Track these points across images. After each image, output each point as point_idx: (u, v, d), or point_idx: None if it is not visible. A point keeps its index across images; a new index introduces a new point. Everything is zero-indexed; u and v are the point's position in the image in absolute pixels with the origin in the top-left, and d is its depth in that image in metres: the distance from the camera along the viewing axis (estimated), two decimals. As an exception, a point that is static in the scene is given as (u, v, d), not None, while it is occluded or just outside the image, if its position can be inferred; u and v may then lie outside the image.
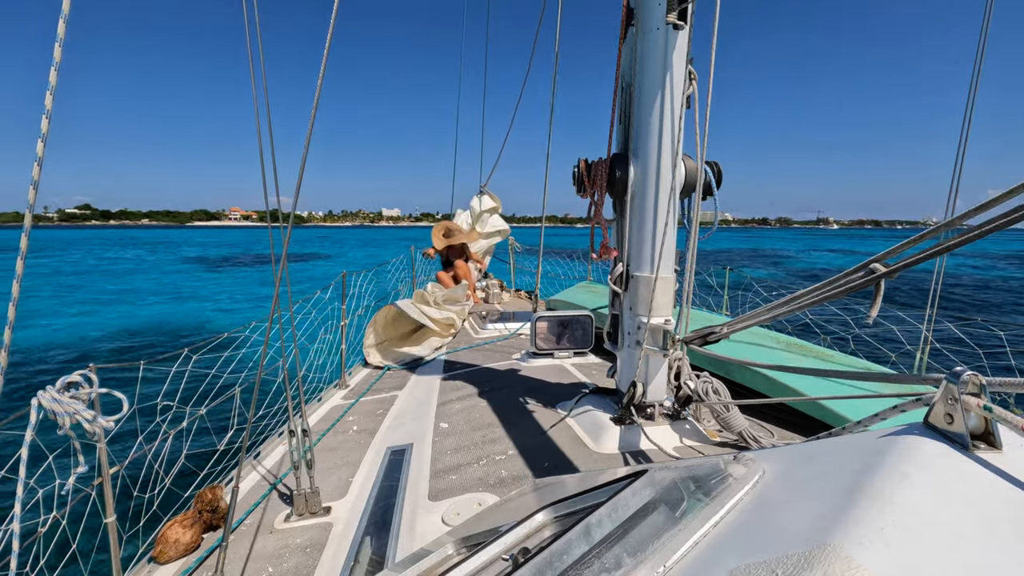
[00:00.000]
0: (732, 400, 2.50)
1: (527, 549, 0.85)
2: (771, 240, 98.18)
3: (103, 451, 1.86)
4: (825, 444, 0.93)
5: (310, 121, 1.83)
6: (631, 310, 2.55)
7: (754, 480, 0.84)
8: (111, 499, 1.95)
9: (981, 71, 2.98)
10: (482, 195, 8.12)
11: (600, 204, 2.57)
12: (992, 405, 0.71)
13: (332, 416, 3.45)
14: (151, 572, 1.98)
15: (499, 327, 5.64)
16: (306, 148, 1.80)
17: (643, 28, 2.35)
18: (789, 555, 0.59)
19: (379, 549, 1.91)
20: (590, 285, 6.64)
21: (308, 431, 2.21)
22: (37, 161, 1.15)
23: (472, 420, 2.99)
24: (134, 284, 25.06)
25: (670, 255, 2.43)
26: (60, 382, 1.62)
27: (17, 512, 1.50)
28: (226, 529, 1.92)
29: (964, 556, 0.56)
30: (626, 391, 2.52)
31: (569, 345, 4.21)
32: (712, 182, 2.46)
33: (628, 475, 0.97)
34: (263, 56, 1.83)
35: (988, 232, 1.22)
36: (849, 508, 0.64)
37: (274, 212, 1.90)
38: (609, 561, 0.73)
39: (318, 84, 1.74)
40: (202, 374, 2.83)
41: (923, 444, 0.73)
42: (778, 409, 3.00)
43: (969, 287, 23.34)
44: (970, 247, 22.40)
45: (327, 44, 1.76)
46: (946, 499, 0.64)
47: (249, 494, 2.46)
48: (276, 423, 3.53)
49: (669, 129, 2.33)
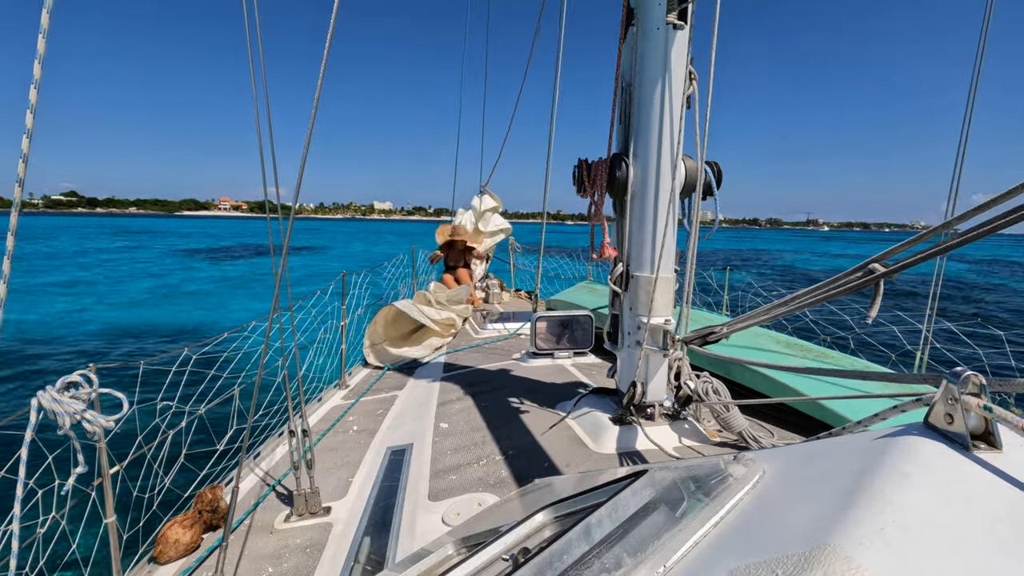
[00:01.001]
0: (732, 400, 2.50)
1: (527, 549, 0.85)
2: (764, 241, 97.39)
3: (103, 451, 1.86)
4: (825, 444, 0.93)
5: (311, 120, 1.83)
6: (631, 310, 2.55)
7: (754, 480, 0.84)
8: (111, 499, 1.94)
9: (981, 71, 2.99)
10: (483, 195, 8.12)
11: (600, 204, 2.57)
12: (992, 405, 0.71)
13: (332, 416, 3.45)
14: (151, 572, 1.98)
15: (499, 327, 5.64)
16: (306, 148, 1.79)
17: (643, 28, 2.35)
18: (789, 555, 0.59)
19: (379, 549, 1.91)
20: (590, 285, 6.64)
21: (308, 431, 2.21)
22: (22, 158, 1.15)
23: (472, 420, 2.99)
24: (134, 275, 24.84)
25: (670, 255, 2.43)
26: (60, 382, 1.62)
27: (17, 512, 1.50)
28: (226, 529, 1.92)
29: (964, 556, 0.56)
30: (626, 391, 2.52)
31: (569, 345, 4.21)
32: (712, 182, 2.46)
33: (628, 475, 0.97)
34: (262, 50, 1.83)
35: (985, 234, 1.22)
36: (849, 508, 0.64)
37: (273, 205, 1.89)
38: (609, 561, 0.73)
39: (318, 84, 1.74)
40: (202, 374, 2.83)
41: (923, 444, 0.73)
42: (778, 409, 3.00)
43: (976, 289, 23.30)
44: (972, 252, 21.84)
45: (327, 42, 1.76)
46: (946, 499, 0.64)
47: (249, 494, 2.45)
48: (276, 423, 3.53)
49: (669, 129, 2.33)
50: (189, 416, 2.62)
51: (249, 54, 1.78)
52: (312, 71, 39.32)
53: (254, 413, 2.06)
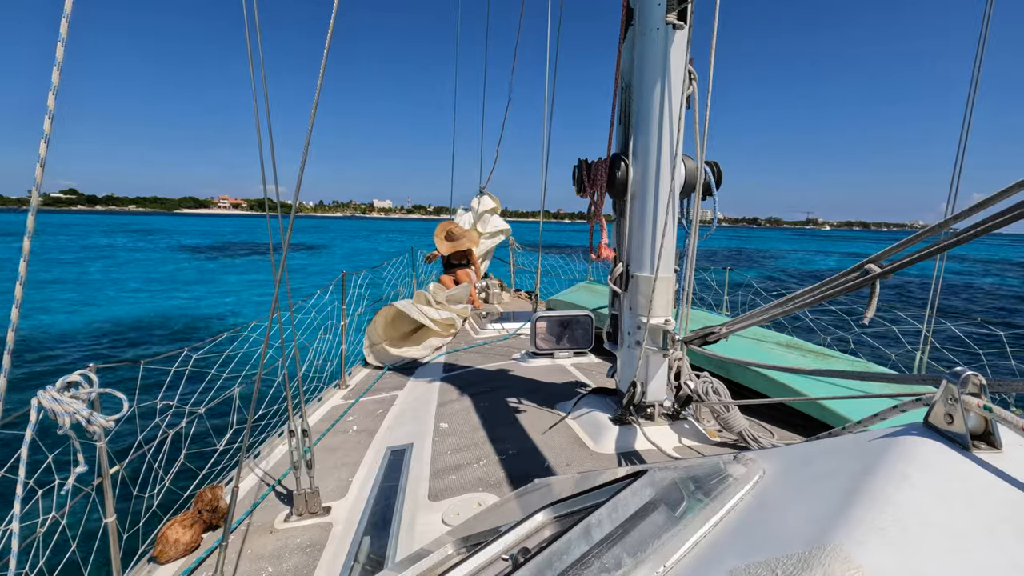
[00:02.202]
0: (732, 400, 2.50)
1: (527, 549, 0.85)
2: (762, 240, 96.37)
3: (103, 451, 1.86)
4: (825, 444, 0.93)
5: (310, 119, 1.83)
6: (631, 310, 2.55)
7: (754, 480, 0.84)
8: (111, 499, 1.94)
9: (981, 71, 2.98)
10: (482, 196, 8.11)
11: (600, 204, 2.57)
12: (992, 405, 0.71)
13: (332, 416, 3.45)
14: (151, 572, 1.98)
15: (499, 327, 5.64)
16: (306, 148, 1.79)
17: (643, 28, 2.35)
18: (789, 555, 0.59)
19: (379, 549, 1.91)
20: (590, 285, 6.64)
21: (308, 431, 2.21)
22: (39, 162, 1.15)
23: (472, 420, 2.99)
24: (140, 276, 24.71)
25: (670, 255, 2.43)
26: (60, 382, 1.62)
27: (17, 512, 1.50)
28: (226, 529, 1.92)
29: (964, 556, 0.56)
30: (626, 391, 2.52)
31: (569, 345, 4.21)
32: (712, 182, 2.46)
33: (628, 475, 0.97)
34: (262, 49, 1.82)
35: (981, 233, 1.22)
36: (849, 508, 0.64)
37: (273, 203, 1.89)
38: (609, 561, 0.73)
39: (319, 83, 1.74)
40: (202, 374, 2.83)
41: (923, 444, 0.73)
42: (778, 409, 3.00)
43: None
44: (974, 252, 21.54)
45: (327, 41, 1.75)
46: (946, 499, 0.64)
47: (249, 494, 2.45)
48: (276, 423, 3.53)
49: (669, 129, 2.34)
50: (189, 416, 2.62)
51: (249, 54, 1.77)
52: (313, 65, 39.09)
53: (254, 413, 2.06)
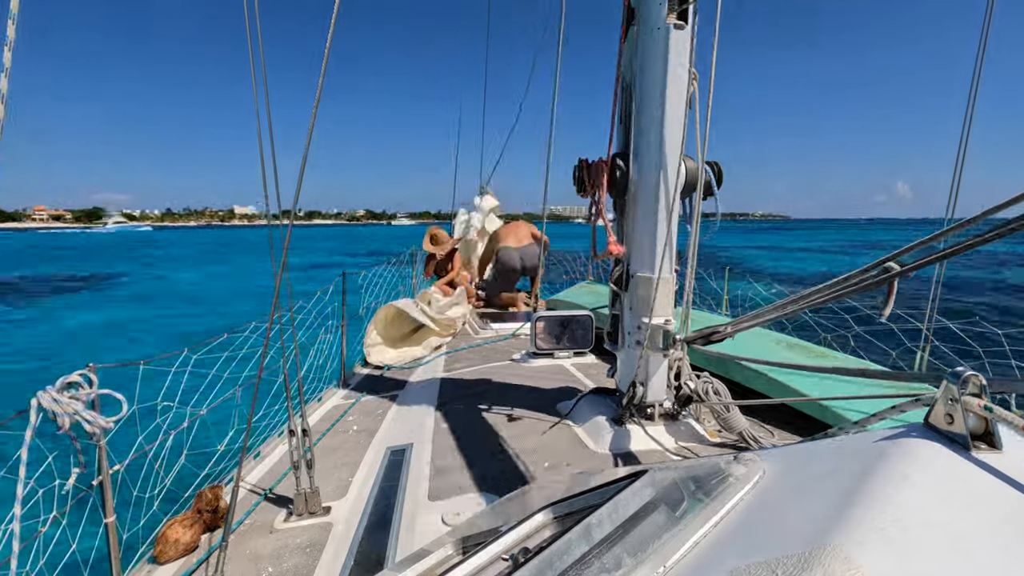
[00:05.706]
0: (732, 400, 2.50)
1: (527, 549, 0.85)
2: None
3: (103, 451, 1.86)
4: (825, 444, 0.93)
5: (310, 124, 1.83)
6: (631, 310, 2.55)
7: (754, 480, 0.84)
8: (111, 499, 1.94)
9: (982, 70, 2.98)
10: (484, 194, 8.10)
11: (601, 204, 2.57)
12: (993, 405, 0.71)
13: (332, 416, 3.45)
14: (151, 572, 1.98)
15: (499, 327, 5.64)
16: (305, 155, 1.79)
17: (644, 28, 2.35)
18: (789, 555, 0.59)
19: (379, 549, 1.91)
20: (590, 285, 6.64)
21: (308, 431, 2.21)
22: None
23: (472, 420, 2.99)
24: None
25: (670, 255, 2.43)
26: (60, 382, 1.62)
27: (17, 512, 1.50)
28: (226, 529, 1.92)
29: (965, 557, 0.56)
30: (626, 391, 2.52)
31: (569, 345, 4.21)
32: (712, 182, 2.46)
33: (628, 475, 0.97)
34: (262, 47, 1.82)
35: (998, 236, 1.19)
36: (849, 508, 0.64)
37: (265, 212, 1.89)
38: (609, 561, 0.73)
39: (318, 84, 1.74)
40: (202, 374, 2.83)
41: (923, 445, 0.73)
42: (778, 409, 3.00)
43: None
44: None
45: (327, 44, 1.75)
46: (946, 500, 0.64)
47: (249, 494, 2.45)
48: (276, 423, 3.53)
49: (670, 129, 2.33)
50: (189, 416, 2.62)
51: (250, 51, 1.77)
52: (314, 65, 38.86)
53: (254, 413, 2.06)
